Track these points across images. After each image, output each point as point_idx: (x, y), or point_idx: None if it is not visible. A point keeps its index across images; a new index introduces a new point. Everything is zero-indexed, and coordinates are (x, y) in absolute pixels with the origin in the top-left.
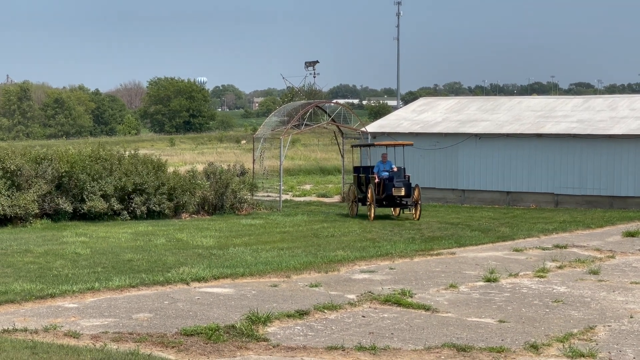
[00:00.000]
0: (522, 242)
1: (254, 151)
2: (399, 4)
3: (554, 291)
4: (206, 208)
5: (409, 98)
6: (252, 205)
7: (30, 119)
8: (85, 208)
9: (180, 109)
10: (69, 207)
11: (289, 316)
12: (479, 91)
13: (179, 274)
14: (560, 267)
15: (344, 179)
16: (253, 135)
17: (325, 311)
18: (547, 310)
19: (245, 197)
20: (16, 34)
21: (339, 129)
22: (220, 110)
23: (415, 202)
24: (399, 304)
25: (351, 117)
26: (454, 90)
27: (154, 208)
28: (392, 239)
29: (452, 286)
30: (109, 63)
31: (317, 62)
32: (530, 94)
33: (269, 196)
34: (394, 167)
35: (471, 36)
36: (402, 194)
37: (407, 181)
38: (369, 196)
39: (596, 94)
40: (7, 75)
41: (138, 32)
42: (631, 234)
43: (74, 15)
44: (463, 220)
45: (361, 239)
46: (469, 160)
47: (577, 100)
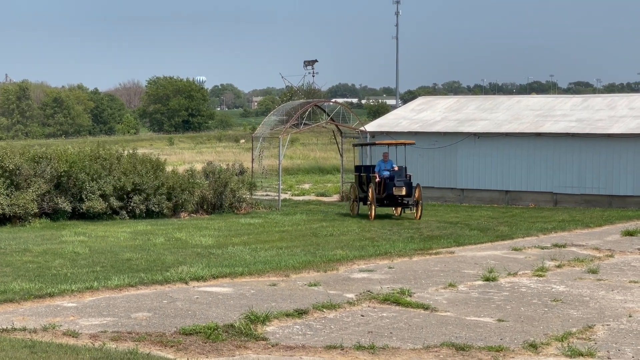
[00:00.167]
0: (521, 241)
1: (252, 150)
2: (398, 3)
3: (553, 290)
4: (205, 207)
5: (408, 97)
6: (251, 204)
7: (29, 118)
8: (84, 208)
9: (179, 108)
10: (67, 206)
11: (287, 315)
12: (478, 90)
13: (178, 273)
14: (559, 266)
15: (342, 178)
16: (252, 134)
17: (324, 310)
18: (546, 309)
19: (244, 196)
20: (15, 33)
21: (338, 128)
22: (219, 109)
23: (417, 201)
24: (397, 303)
25: (350, 117)
26: (453, 89)
27: (152, 208)
28: (391, 238)
29: (451, 285)
30: (108, 62)
31: (316, 61)
32: (529, 93)
33: (267, 195)
34: (395, 166)
35: (470, 35)
36: (403, 193)
37: (408, 180)
38: (369, 195)
39: (595, 93)
40: (6, 75)
41: (137, 32)
42: (630, 233)
43: (73, 15)
44: (462, 219)
45: (360, 238)
46: (467, 160)
47: (576, 100)
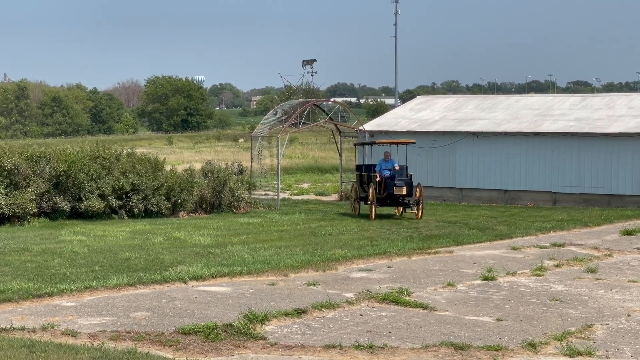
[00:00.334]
0: (519, 241)
1: (251, 150)
2: (396, 2)
3: (552, 290)
4: (204, 207)
5: (407, 96)
6: (250, 203)
7: (27, 118)
8: (82, 207)
9: (178, 108)
10: (66, 206)
11: (286, 315)
12: (476, 89)
13: (177, 273)
14: (557, 266)
15: (341, 177)
16: (251, 133)
17: (323, 310)
18: (545, 308)
19: (242, 195)
20: (14, 32)
21: (337, 127)
22: (218, 108)
23: (418, 201)
24: (396, 302)
25: (349, 116)
26: (451, 88)
27: (151, 208)
28: (390, 238)
29: (449, 285)
30: (107, 62)
31: (314, 60)
32: (528, 93)
33: (266, 195)
34: (396, 166)
35: (469, 35)
36: (404, 192)
37: (409, 180)
38: (370, 195)
39: (594, 92)
40: (5, 74)
41: (136, 31)
42: (629, 233)
43: (71, 15)
44: (461, 218)
45: (359, 237)
46: (466, 159)
47: (575, 99)
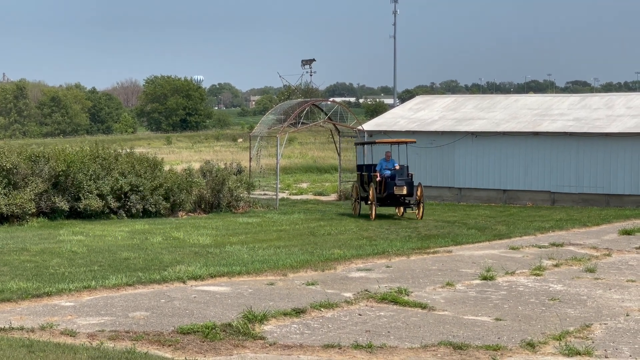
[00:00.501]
0: (518, 240)
1: (250, 149)
2: (395, 2)
3: (551, 289)
4: (203, 206)
5: (406, 96)
6: (249, 203)
7: (26, 118)
8: (81, 206)
9: (177, 108)
10: (65, 205)
11: (285, 314)
12: (475, 89)
13: (176, 273)
14: (556, 265)
15: (340, 177)
16: (250, 133)
17: (322, 309)
18: (544, 308)
19: (241, 195)
20: (13, 32)
21: (336, 127)
22: (216, 108)
23: (418, 201)
24: (395, 302)
25: (348, 116)
26: (450, 88)
27: (150, 208)
28: (389, 237)
29: (448, 284)
30: (106, 61)
31: (313, 60)
32: (527, 92)
33: (265, 194)
34: (397, 165)
35: (468, 34)
36: (404, 192)
37: (410, 180)
38: (370, 195)
39: (593, 92)
40: (4, 74)
41: (135, 31)
42: (627, 232)
43: (70, 14)
44: (459, 218)
45: (358, 237)
46: (465, 159)
47: (574, 99)
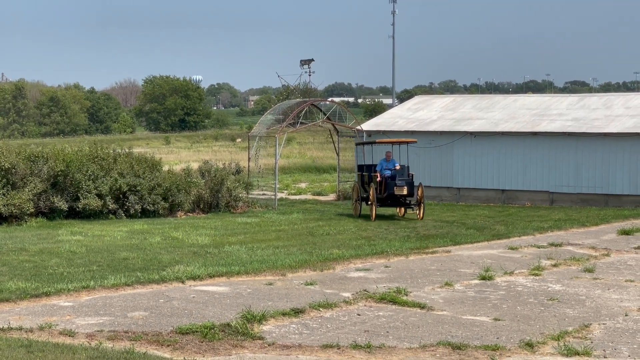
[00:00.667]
0: (517, 240)
1: (249, 149)
2: (394, 2)
3: (549, 289)
4: (201, 206)
5: (405, 96)
6: (248, 203)
7: (25, 118)
8: (80, 206)
9: (176, 107)
10: (64, 205)
11: (284, 314)
12: (474, 89)
13: (175, 273)
14: (555, 265)
15: (339, 177)
16: (248, 133)
17: (321, 309)
18: (542, 308)
19: (240, 195)
20: (11, 32)
21: (335, 127)
22: (215, 108)
23: (419, 201)
24: (394, 302)
25: (346, 116)
26: (449, 88)
27: (148, 207)
28: (388, 237)
29: (447, 284)
30: (104, 61)
31: (312, 60)
32: (526, 92)
33: (264, 194)
34: (397, 166)
35: (466, 34)
36: (404, 193)
37: (410, 180)
38: (370, 195)
39: (591, 92)
40: (2, 74)
41: (133, 31)
42: (626, 232)
43: (69, 14)
44: (458, 218)
45: (356, 237)
46: (464, 159)
47: (573, 99)
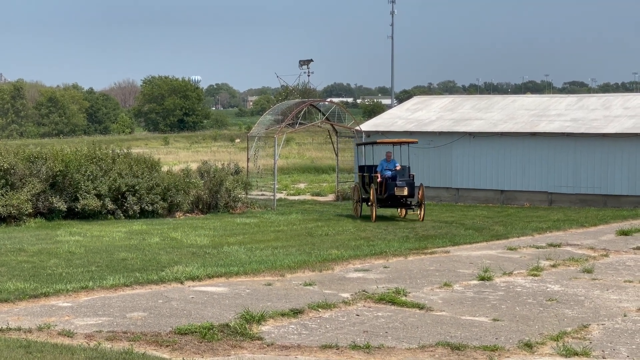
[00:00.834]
0: (516, 241)
1: (248, 150)
2: (393, 2)
3: (548, 290)
4: (200, 207)
5: (403, 97)
6: (246, 204)
7: (23, 118)
8: (79, 207)
9: (174, 108)
10: (63, 206)
11: (283, 315)
12: (473, 90)
13: (173, 273)
14: (554, 266)
15: (338, 177)
16: (247, 134)
17: (320, 310)
18: (541, 308)
19: (239, 196)
20: (10, 32)
21: (333, 127)
22: (214, 109)
23: (420, 202)
24: (393, 302)
25: (345, 116)
26: (448, 88)
27: (147, 208)
28: (387, 238)
29: (446, 285)
30: (103, 62)
31: (311, 60)
32: (524, 93)
33: (263, 195)
34: (398, 166)
35: (465, 35)
36: (405, 193)
37: (411, 180)
38: (370, 196)
39: (590, 92)
40: (1, 74)
41: (132, 31)
42: (625, 233)
43: (68, 14)
44: (457, 218)
45: (355, 237)
46: (463, 159)
47: (571, 99)
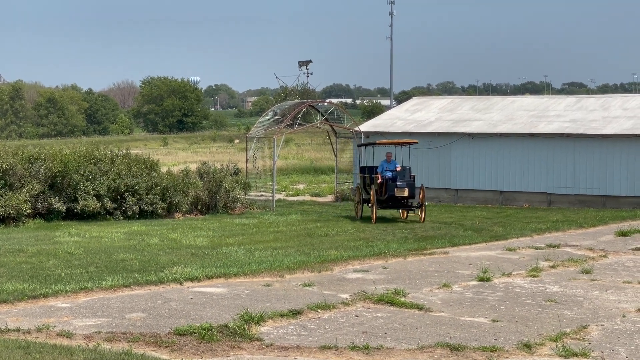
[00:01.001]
0: (515, 242)
1: (247, 150)
2: (392, 3)
3: (547, 290)
4: (199, 208)
5: (403, 97)
6: (246, 204)
7: (22, 119)
8: (78, 207)
9: (173, 109)
10: (62, 206)
11: (282, 316)
12: (472, 91)
13: (172, 274)
14: (553, 267)
15: (337, 178)
16: (246, 134)
17: (319, 311)
18: (540, 309)
19: (238, 196)
20: (8, 33)
21: (332, 128)
22: (213, 109)
23: (421, 203)
24: (392, 303)
25: (344, 117)
26: (447, 89)
27: (146, 208)
28: (386, 239)
29: (445, 285)
30: (102, 62)
31: (310, 61)
32: (523, 94)
33: (262, 196)
34: (398, 167)
35: (464, 36)
36: (405, 194)
37: (412, 181)
38: (371, 197)
39: (589, 93)
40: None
41: (131, 32)
42: (624, 234)
43: (66, 15)
44: (456, 219)
45: (354, 238)
46: (462, 160)
47: (570, 100)
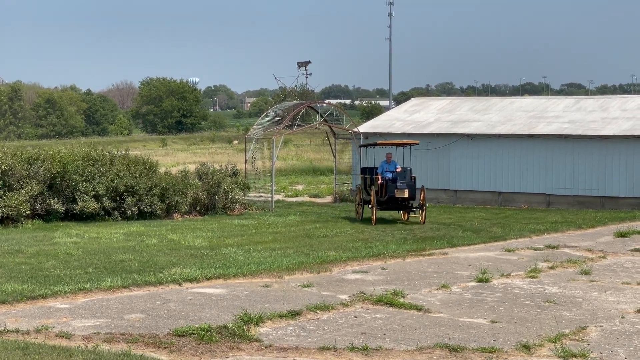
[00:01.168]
0: (514, 243)
1: (246, 151)
2: (391, 4)
3: (546, 291)
4: (198, 208)
5: (401, 98)
6: (244, 205)
7: (21, 120)
8: (77, 208)
9: (172, 109)
10: (60, 207)
11: (281, 317)
12: (470, 91)
13: (171, 275)
14: (552, 268)
15: (336, 179)
16: (245, 135)
17: (318, 311)
18: (539, 310)
19: (237, 197)
20: (7, 33)
21: (331, 129)
22: (212, 110)
23: (421, 204)
24: (391, 304)
25: (343, 118)
26: (446, 90)
27: (145, 209)
28: (385, 239)
29: (444, 286)
30: (101, 63)
31: (309, 62)
32: (522, 95)
33: (261, 196)
34: (398, 168)
35: (463, 37)
36: (405, 196)
37: (412, 182)
38: (371, 198)
39: (588, 94)
40: None
41: (130, 32)
42: (622, 235)
43: (66, 15)
44: (455, 220)
45: (353, 239)
46: (461, 161)
47: (569, 101)
